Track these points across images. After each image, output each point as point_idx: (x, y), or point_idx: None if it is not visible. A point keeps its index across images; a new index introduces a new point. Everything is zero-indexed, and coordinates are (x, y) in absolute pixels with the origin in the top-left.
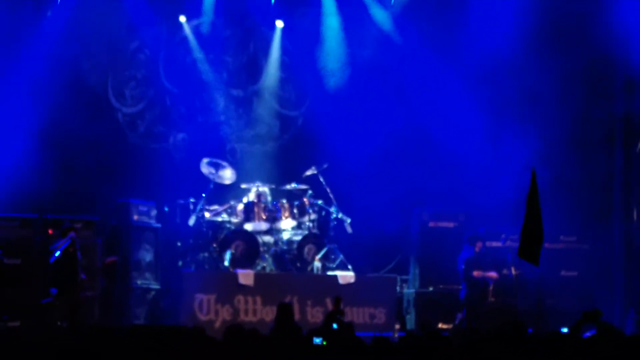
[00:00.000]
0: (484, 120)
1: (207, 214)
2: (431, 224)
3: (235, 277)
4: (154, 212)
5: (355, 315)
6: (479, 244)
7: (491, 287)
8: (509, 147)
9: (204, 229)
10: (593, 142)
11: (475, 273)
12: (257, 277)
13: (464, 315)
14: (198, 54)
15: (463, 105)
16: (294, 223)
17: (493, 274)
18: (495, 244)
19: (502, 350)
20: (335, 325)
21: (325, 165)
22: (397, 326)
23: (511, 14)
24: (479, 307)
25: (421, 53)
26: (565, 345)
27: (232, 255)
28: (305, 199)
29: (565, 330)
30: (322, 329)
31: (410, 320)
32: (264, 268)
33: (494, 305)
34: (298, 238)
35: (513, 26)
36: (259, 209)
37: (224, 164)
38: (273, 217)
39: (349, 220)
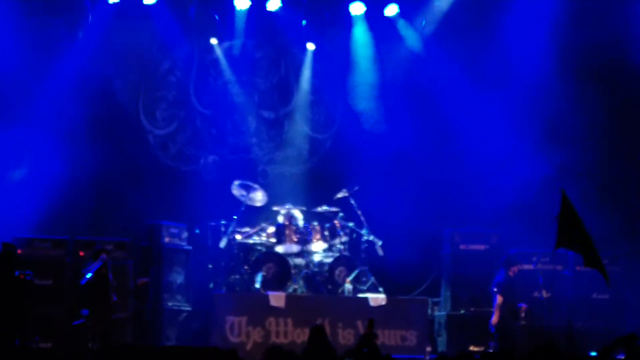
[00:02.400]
0: (515, 141)
1: (238, 236)
2: (462, 247)
3: (266, 299)
4: (185, 234)
5: (387, 337)
6: (514, 269)
7: (522, 311)
8: (541, 169)
9: (235, 251)
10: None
11: (498, 299)
12: (289, 299)
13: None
14: (229, 75)
15: (494, 126)
16: (325, 245)
17: (523, 306)
18: (526, 266)
19: None
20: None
21: (356, 188)
22: (429, 349)
23: (543, 35)
24: (510, 330)
25: (451, 74)
26: None
27: (264, 277)
28: (336, 222)
29: (594, 354)
30: (355, 351)
31: (442, 343)
32: (295, 290)
33: (525, 328)
34: (329, 260)
35: (545, 48)
36: (290, 231)
37: (255, 186)
38: (304, 240)
39: (380, 243)
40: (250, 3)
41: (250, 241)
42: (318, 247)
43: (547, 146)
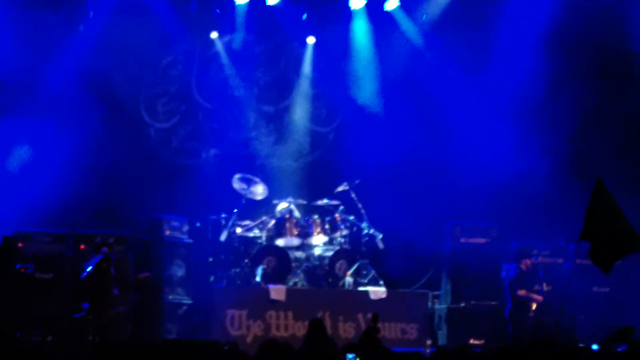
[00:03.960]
0: (516, 135)
1: (238, 230)
2: (463, 240)
3: (266, 292)
4: (186, 228)
5: (387, 330)
6: (526, 262)
7: (534, 305)
8: (542, 163)
9: (236, 245)
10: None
11: (520, 292)
12: (289, 292)
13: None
14: (229, 69)
15: (494, 120)
16: (325, 239)
17: (538, 297)
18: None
19: None
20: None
21: (357, 181)
22: (429, 342)
23: (543, 28)
24: (523, 324)
25: (452, 68)
26: None
27: (264, 270)
28: (336, 215)
29: (595, 347)
30: (358, 345)
31: (442, 336)
32: (295, 283)
33: (534, 321)
34: (329, 254)
35: (544, 40)
36: (291, 224)
37: (256, 179)
38: (305, 233)
39: (380, 236)
40: None
41: (251, 234)
42: (318, 241)
43: (550, 140)
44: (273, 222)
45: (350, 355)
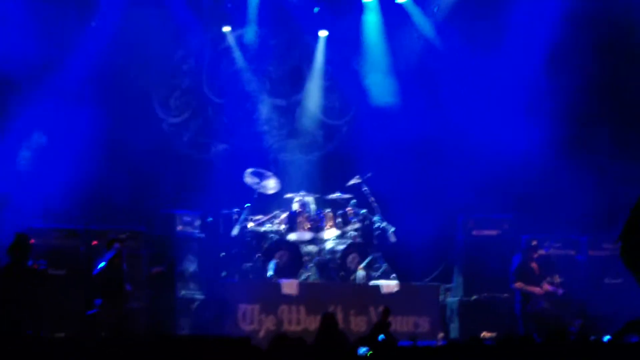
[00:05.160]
0: (529, 127)
1: (250, 224)
2: (475, 232)
3: (278, 287)
4: (197, 222)
5: (399, 324)
6: (534, 254)
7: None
8: (554, 154)
9: (248, 239)
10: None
11: (516, 285)
12: (301, 286)
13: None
14: (241, 63)
15: (507, 112)
16: (337, 232)
17: (535, 289)
18: (540, 251)
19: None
20: (381, 336)
21: (369, 174)
22: (441, 335)
23: (556, 19)
24: (527, 317)
25: (464, 60)
26: (609, 353)
27: (276, 265)
28: (349, 208)
29: (607, 338)
30: (369, 339)
31: (454, 329)
32: (307, 277)
33: (546, 313)
34: (342, 247)
35: (558, 32)
36: (303, 218)
37: (268, 173)
38: (317, 227)
39: (392, 229)
40: None
41: (263, 229)
42: (330, 234)
43: (563, 131)
44: (285, 216)
45: (362, 349)
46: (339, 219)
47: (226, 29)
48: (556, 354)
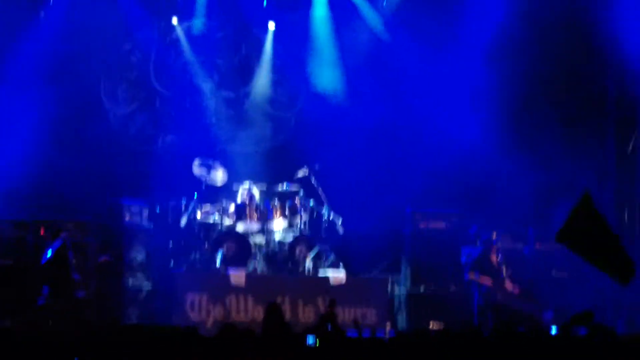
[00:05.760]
0: (477, 120)
1: (198, 215)
2: (422, 225)
3: (227, 277)
4: (145, 213)
5: (347, 315)
6: (493, 247)
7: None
8: (501, 148)
9: (196, 230)
10: (584, 142)
11: (469, 275)
12: (249, 277)
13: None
14: (189, 56)
15: (456, 105)
16: (285, 224)
17: (485, 279)
18: (498, 244)
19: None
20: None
21: (317, 166)
22: (389, 326)
23: (502, 12)
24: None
25: (413, 53)
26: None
27: (224, 255)
28: (297, 200)
29: (554, 331)
30: (316, 329)
31: (402, 320)
32: (255, 268)
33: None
34: (289, 239)
35: (506, 22)
36: (251, 209)
37: (216, 165)
38: (265, 218)
39: (340, 221)
40: None
41: (211, 220)
42: (278, 226)
43: (511, 124)
44: (233, 207)
45: (310, 337)
46: (287, 211)
47: (174, 21)
48: (504, 347)
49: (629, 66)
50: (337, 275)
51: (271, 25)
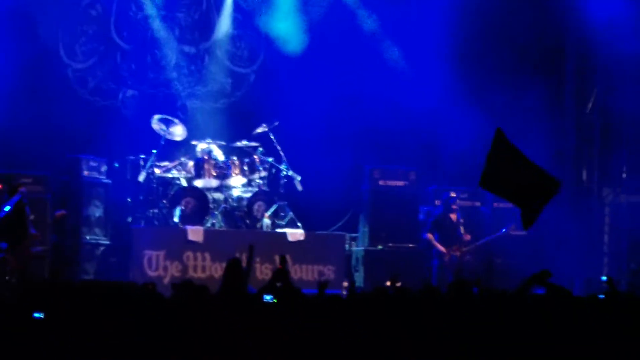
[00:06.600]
0: (437, 79)
1: (157, 171)
2: (381, 182)
3: (184, 233)
4: (104, 168)
5: (304, 272)
6: (452, 206)
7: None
8: (460, 107)
9: (154, 186)
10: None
11: (429, 235)
12: (207, 233)
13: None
14: (150, 10)
15: (416, 64)
16: (244, 180)
17: (440, 247)
18: (457, 202)
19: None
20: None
21: (276, 123)
22: (345, 283)
23: None
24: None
25: (375, 9)
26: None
27: (182, 211)
28: (255, 156)
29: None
30: (268, 287)
31: (359, 278)
32: (213, 225)
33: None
34: (248, 195)
35: None
36: (209, 165)
37: (175, 120)
38: (223, 174)
39: (299, 178)
40: None
41: (169, 175)
42: (237, 182)
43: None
44: (192, 163)
45: (267, 297)
46: (246, 167)
47: None
48: (460, 306)
49: (589, 25)
50: (295, 231)
51: None
